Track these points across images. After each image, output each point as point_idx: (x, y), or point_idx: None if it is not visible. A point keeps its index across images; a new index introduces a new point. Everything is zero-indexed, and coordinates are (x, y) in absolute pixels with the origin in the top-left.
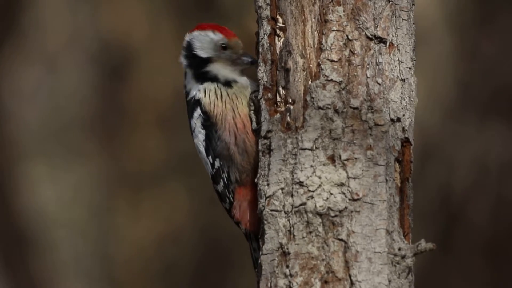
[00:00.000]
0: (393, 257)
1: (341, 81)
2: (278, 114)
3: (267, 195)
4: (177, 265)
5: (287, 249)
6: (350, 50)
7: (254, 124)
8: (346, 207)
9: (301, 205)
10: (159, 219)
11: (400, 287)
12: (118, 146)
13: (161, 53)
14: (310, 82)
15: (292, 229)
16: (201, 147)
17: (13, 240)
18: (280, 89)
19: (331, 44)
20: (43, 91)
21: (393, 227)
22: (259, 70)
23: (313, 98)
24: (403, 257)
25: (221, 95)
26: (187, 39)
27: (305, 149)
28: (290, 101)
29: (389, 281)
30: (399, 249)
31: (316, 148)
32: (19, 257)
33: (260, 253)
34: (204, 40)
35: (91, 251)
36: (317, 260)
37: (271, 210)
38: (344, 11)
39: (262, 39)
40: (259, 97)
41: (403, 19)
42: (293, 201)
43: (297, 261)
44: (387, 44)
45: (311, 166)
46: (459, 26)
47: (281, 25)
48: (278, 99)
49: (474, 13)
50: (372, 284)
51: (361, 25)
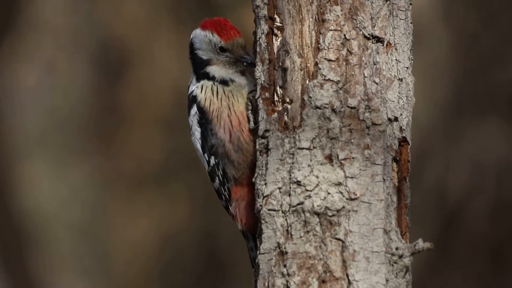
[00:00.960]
0: (391, 256)
1: (338, 81)
2: (276, 113)
3: (264, 194)
4: (176, 265)
5: (284, 248)
6: (348, 50)
7: (252, 123)
8: (343, 207)
9: (298, 204)
10: (157, 219)
11: (398, 286)
12: (117, 146)
13: (160, 53)
14: (307, 82)
15: (289, 228)
16: (198, 145)
17: (12, 239)
18: (278, 88)
19: (329, 44)
20: (41, 90)
21: (390, 226)
22: (257, 69)
23: (310, 97)
24: (400, 256)
25: (217, 92)
26: (191, 36)
27: (302, 148)
28: (288, 100)
29: (387, 280)
30: (396, 248)
31: (313, 147)
32: (17, 256)
33: (258, 252)
34: (203, 40)
35: (90, 251)
36: (314, 259)
37: (269, 210)
38: (341, 10)
39: (259, 38)
40: (256, 97)
41: (400, 19)
42: (290, 200)
43: (295, 261)
44: (385, 43)
45: (309, 166)
46: (456, 25)
47: (278, 24)
48: (276, 98)
49: (472, 13)
50: (369, 283)
51: (358, 25)
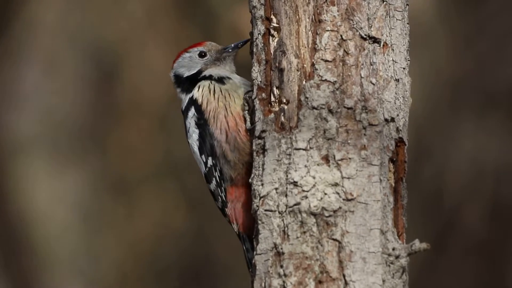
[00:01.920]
0: (387, 257)
1: (335, 81)
2: (272, 114)
3: (261, 195)
4: (172, 266)
5: (281, 249)
6: (344, 50)
7: (248, 124)
8: (340, 207)
9: (295, 205)
10: (153, 220)
11: (394, 287)
12: (112, 146)
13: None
14: (304, 82)
15: (286, 229)
16: (195, 147)
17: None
18: (274, 89)
19: (325, 44)
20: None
21: (387, 227)
22: (253, 70)
23: (307, 98)
24: (397, 257)
25: (214, 90)
26: (171, 75)
27: (299, 149)
28: (284, 101)
29: (383, 281)
30: (393, 249)
31: (310, 148)
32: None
33: (254, 253)
34: (184, 63)
35: (86, 251)
36: (311, 260)
37: (265, 210)
38: (338, 11)
39: (256, 39)
40: (253, 97)
41: (397, 19)
42: (287, 201)
43: (291, 261)
44: (381, 44)
45: (305, 166)
46: (453, 25)
47: (275, 25)
48: (272, 99)
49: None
50: (366, 284)
51: (355, 25)
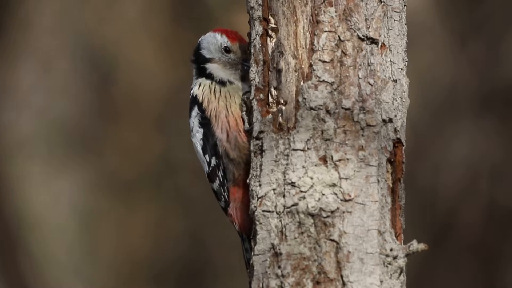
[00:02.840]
0: (385, 257)
1: (333, 82)
2: (270, 114)
3: (259, 195)
4: (169, 267)
5: (279, 249)
6: (342, 51)
7: (247, 124)
8: (338, 208)
9: (293, 205)
10: (150, 221)
11: (392, 287)
12: (109, 147)
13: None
14: (302, 83)
15: (284, 229)
16: (198, 146)
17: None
18: (272, 89)
19: (323, 45)
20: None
21: (385, 227)
22: (251, 70)
23: (305, 98)
24: (395, 257)
25: (214, 90)
26: (200, 39)
27: (297, 149)
28: (282, 101)
29: (381, 281)
30: (391, 249)
31: (308, 148)
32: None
33: (252, 253)
34: (210, 41)
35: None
36: (309, 260)
37: (263, 211)
38: (336, 12)
39: (254, 39)
40: (251, 98)
41: (395, 20)
42: (285, 201)
43: (289, 262)
44: (379, 45)
45: (303, 167)
46: (450, 26)
47: (273, 26)
48: (270, 99)
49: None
50: (364, 284)
51: (353, 26)
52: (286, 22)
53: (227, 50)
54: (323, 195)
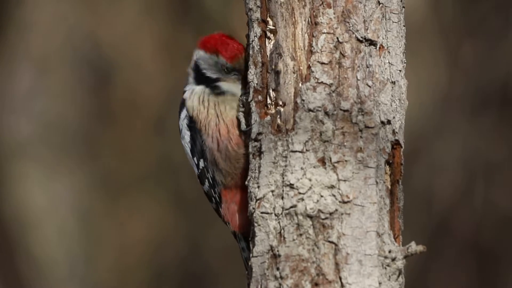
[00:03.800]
0: (384, 259)
1: (331, 84)
2: (269, 116)
3: (257, 197)
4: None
5: (277, 251)
6: (341, 53)
7: (243, 125)
8: (336, 210)
9: (291, 207)
10: (146, 223)
11: None
12: (108, 150)
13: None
14: (300, 85)
15: (282, 231)
16: (187, 148)
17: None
18: (271, 91)
19: (322, 47)
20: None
21: (383, 229)
22: (250, 72)
23: (303, 100)
24: (393, 259)
25: (203, 100)
26: (194, 58)
27: (295, 151)
28: (281, 103)
29: (380, 283)
30: (389, 251)
31: (306, 150)
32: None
33: (251, 255)
34: (208, 62)
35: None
36: (307, 262)
37: (262, 213)
38: (334, 13)
39: (252, 41)
40: (249, 100)
41: (393, 22)
42: (283, 203)
43: (288, 264)
44: (378, 46)
45: (302, 169)
46: (446, 27)
47: (271, 27)
48: (269, 101)
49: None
50: (362, 286)
51: (351, 28)
52: (284, 23)
53: (229, 70)
54: (321, 196)
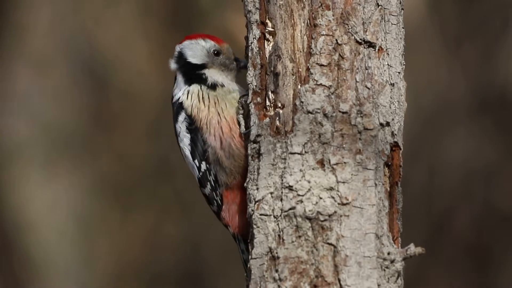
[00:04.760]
0: (383, 261)
1: (330, 86)
2: (268, 118)
3: (256, 199)
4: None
5: (276, 253)
6: (340, 55)
7: (243, 127)
8: (335, 211)
9: (290, 209)
10: (147, 226)
11: None
12: (105, 152)
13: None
14: (299, 86)
15: (281, 233)
16: (187, 151)
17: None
18: (270, 93)
19: (321, 49)
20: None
21: (382, 231)
22: (249, 74)
23: (302, 102)
24: (392, 261)
25: (203, 97)
26: (178, 49)
27: (294, 153)
28: (280, 105)
29: (379, 285)
30: (388, 253)
31: (305, 152)
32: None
33: (250, 257)
34: (195, 48)
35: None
36: (306, 264)
37: (261, 215)
38: (333, 15)
39: (251, 43)
40: (248, 102)
41: (392, 24)
42: (282, 205)
43: (287, 266)
44: (376, 48)
45: (301, 171)
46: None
47: (270, 29)
48: (268, 103)
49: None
50: None
51: (350, 30)
52: (283, 25)
53: (217, 53)
54: (320, 198)
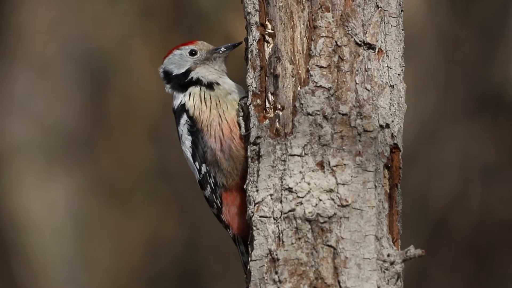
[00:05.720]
0: (382, 263)
1: (330, 87)
2: (267, 120)
3: (256, 201)
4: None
5: (276, 255)
6: (339, 56)
7: (243, 130)
8: (335, 213)
9: (290, 211)
10: (145, 227)
11: None
12: (105, 153)
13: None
14: (299, 88)
15: (281, 235)
16: (188, 153)
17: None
18: (269, 95)
19: (320, 50)
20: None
21: (382, 233)
22: (248, 76)
23: (302, 104)
24: (392, 263)
25: (204, 98)
26: (161, 71)
27: (294, 155)
28: (279, 107)
29: (378, 287)
30: (388, 255)
31: (305, 154)
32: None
33: (249, 259)
34: (174, 60)
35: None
36: (306, 266)
37: (260, 216)
38: (333, 17)
39: (251, 45)
40: (248, 103)
41: (392, 25)
42: (282, 207)
43: (286, 267)
44: (376, 50)
45: (300, 172)
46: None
47: (270, 31)
48: (267, 105)
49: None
50: None
51: (350, 31)
52: (283, 27)
53: (193, 53)
54: (320, 200)
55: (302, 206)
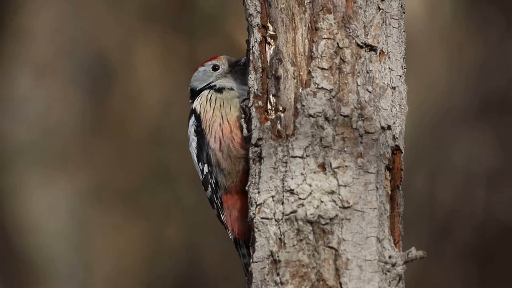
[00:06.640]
0: (384, 265)
1: (331, 89)
2: (269, 122)
3: (257, 203)
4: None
5: (277, 257)
6: (341, 58)
7: (245, 131)
8: (336, 215)
9: (291, 213)
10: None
11: None
12: (105, 156)
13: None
14: (300, 90)
15: (282, 237)
16: (194, 154)
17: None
18: (271, 97)
19: (322, 52)
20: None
21: (383, 235)
22: (250, 77)
23: (303, 106)
24: (393, 265)
25: (210, 98)
26: (189, 89)
27: (295, 157)
28: (281, 109)
29: None
30: (389, 257)
31: (306, 156)
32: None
33: (251, 261)
34: (199, 76)
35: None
36: (307, 268)
37: (262, 218)
38: (334, 19)
39: (252, 47)
40: (249, 105)
41: (393, 27)
42: (283, 209)
43: (288, 269)
44: (378, 52)
45: (302, 174)
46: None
47: (271, 33)
48: (269, 107)
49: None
50: None
51: (351, 33)
52: (284, 29)
53: (216, 68)
54: (321, 202)
55: (304, 207)
